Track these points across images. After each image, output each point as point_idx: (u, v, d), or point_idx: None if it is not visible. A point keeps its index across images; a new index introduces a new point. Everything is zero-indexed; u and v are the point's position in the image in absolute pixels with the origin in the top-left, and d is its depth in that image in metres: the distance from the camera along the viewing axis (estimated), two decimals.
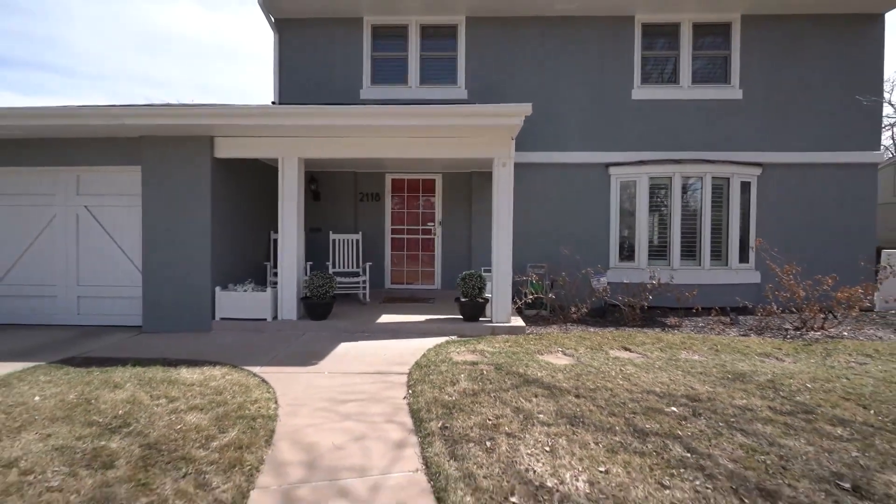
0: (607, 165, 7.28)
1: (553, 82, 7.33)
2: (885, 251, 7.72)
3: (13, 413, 2.84)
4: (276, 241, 6.86)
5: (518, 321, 5.56)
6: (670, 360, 4.22)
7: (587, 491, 2.09)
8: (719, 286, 6.88)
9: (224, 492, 2.04)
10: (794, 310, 5.90)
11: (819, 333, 5.50)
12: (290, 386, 3.49)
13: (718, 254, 7.12)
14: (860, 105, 7.07)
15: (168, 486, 2.08)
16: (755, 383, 3.60)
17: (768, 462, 2.37)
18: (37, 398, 3.10)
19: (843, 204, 7.23)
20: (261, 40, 41.58)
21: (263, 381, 3.59)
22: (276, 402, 3.14)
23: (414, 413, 2.98)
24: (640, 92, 7.33)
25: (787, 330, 5.69)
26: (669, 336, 5.23)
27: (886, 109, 23.89)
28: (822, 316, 5.77)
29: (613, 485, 2.14)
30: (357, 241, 7.19)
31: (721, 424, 2.81)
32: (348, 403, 3.18)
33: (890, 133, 26.10)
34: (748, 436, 2.66)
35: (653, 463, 2.34)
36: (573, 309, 5.92)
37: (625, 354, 4.44)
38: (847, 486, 2.17)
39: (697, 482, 2.17)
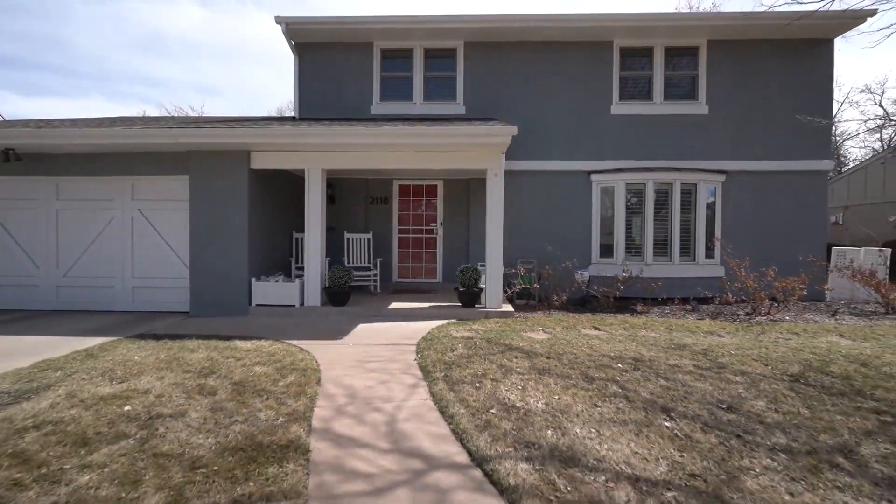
0: (589, 173, 8.24)
1: (541, 99, 8.29)
2: (835, 248, 8.71)
3: (127, 365, 3.82)
4: (297, 239, 7.87)
5: (508, 307, 6.53)
6: (629, 336, 5.19)
7: (542, 408, 3.06)
8: (687, 279, 7.84)
9: (297, 407, 3.02)
10: (746, 299, 6.87)
11: (765, 318, 6.46)
12: (324, 352, 4.47)
13: (687, 250, 8.07)
14: (815, 118, 8.01)
15: (258, 404, 3.06)
16: (691, 350, 4.57)
17: (675, 395, 3.34)
18: (136, 357, 4.08)
19: (797, 207, 8.18)
20: (261, 41, 42.43)
21: (302, 349, 4.57)
22: (316, 361, 4.12)
23: (422, 368, 3.95)
24: (619, 108, 8.29)
25: (738, 315, 6.65)
26: (635, 319, 6.20)
27: (878, 111, 24.82)
28: (769, 303, 6.73)
29: (562, 405, 3.11)
30: (368, 239, 8.15)
31: (651, 374, 3.78)
32: (372, 363, 4.15)
33: (878, 135, 27.06)
34: (668, 381, 3.63)
35: (592, 395, 3.31)
36: (556, 298, 6.90)
37: (593, 332, 5.41)
38: (724, 407, 3.14)
39: (620, 405, 3.14)
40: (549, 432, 2.70)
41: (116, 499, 1.97)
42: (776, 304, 6.90)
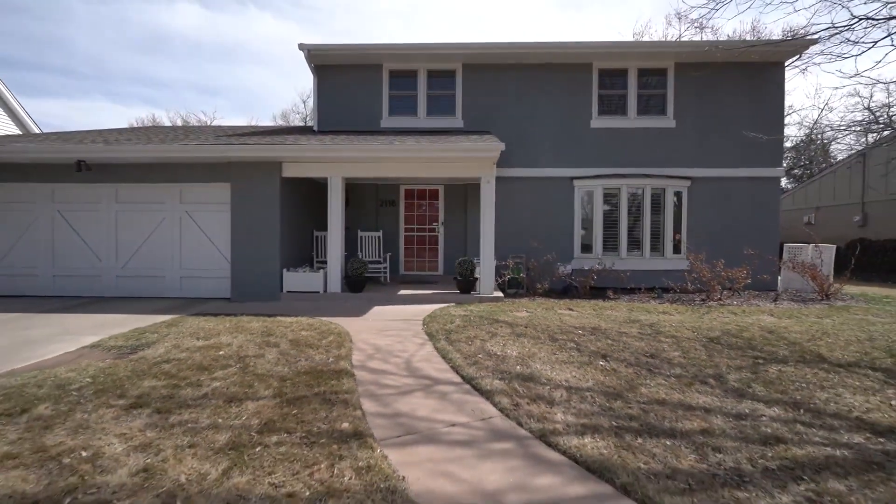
0: (571, 178, 9.43)
1: (530, 114, 9.48)
2: (786, 245, 9.89)
3: (204, 330, 5.03)
4: (317, 237, 9.07)
5: (499, 294, 7.73)
6: (596, 314, 6.38)
7: (515, 355, 4.26)
8: (656, 271, 9.02)
9: (339, 353, 4.22)
10: (704, 288, 8.05)
11: (716, 303, 7.64)
12: (350, 324, 5.66)
13: (657, 246, 9.26)
14: (767, 131, 9.19)
15: (311, 352, 4.26)
16: (641, 324, 5.76)
17: (615, 348, 4.53)
18: (207, 326, 5.28)
19: (753, 208, 9.35)
20: (262, 41, 43.60)
21: (333, 322, 5.76)
22: (346, 329, 5.31)
23: (428, 333, 5.15)
24: (597, 122, 9.47)
25: (695, 301, 7.83)
26: (605, 303, 7.40)
27: (865, 114, 25.95)
28: (720, 290, 7.91)
29: (529, 353, 4.30)
30: (378, 237, 9.35)
31: (602, 337, 4.97)
32: (388, 331, 5.35)
33: (864, 138, 28.23)
34: (614, 341, 4.83)
35: (553, 348, 4.51)
36: (540, 287, 8.09)
37: (567, 312, 6.60)
38: (647, 355, 4.34)
39: (572, 353, 4.34)
40: (518, 366, 3.90)
41: (242, 392, 3.17)
42: (728, 292, 8.08)
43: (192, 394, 3.16)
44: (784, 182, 29.90)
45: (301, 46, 9.03)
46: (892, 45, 4.79)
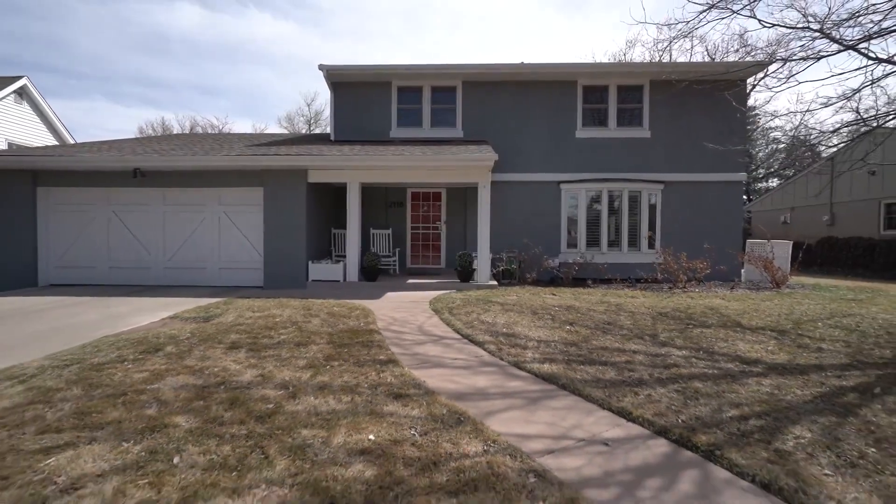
0: (559, 182, 10.68)
1: (522, 125, 10.73)
2: (749, 241, 11.12)
3: (256, 306, 6.28)
4: (334, 234, 10.33)
5: (493, 283, 8.98)
6: (573, 297, 7.63)
7: (502, 322, 5.51)
8: (632, 264, 10.27)
9: (367, 321, 5.48)
10: (671, 279, 9.30)
11: (680, 290, 8.89)
12: (370, 304, 6.92)
13: (634, 242, 10.51)
14: (732, 140, 10.43)
15: (345, 320, 5.52)
16: (609, 304, 7.00)
17: (581, 319, 5.78)
18: (257, 304, 6.53)
19: (719, 208, 10.60)
20: (262, 42, 44.69)
21: (355, 302, 7.02)
22: (368, 307, 6.57)
23: (434, 310, 6.40)
24: (582, 132, 10.72)
25: (663, 288, 9.07)
26: (583, 290, 8.65)
27: (853, 115, 27.21)
28: (685, 280, 9.16)
29: (514, 321, 5.56)
30: (388, 234, 10.60)
31: (574, 312, 6.22)
32: (402, 308, 6.60)
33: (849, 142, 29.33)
34: (582, 314, 6.08)
35: (533, 318, 5.76)
36: (529, 277, 9.34)
37: (550, 296, 7.85)
38: (606, 323, 5.59)
39: (547, 321, 5.59)
40: (503, 329, 5.15)
41: (304, 340, 4.43)
42: (694, 282, 9.33)
43: (268, 342, 4.42)
44: (774, 182, 31.18)
45: (321, 67, 10.29)
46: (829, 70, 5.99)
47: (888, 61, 5.43)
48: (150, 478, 2.06)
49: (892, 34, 5.31)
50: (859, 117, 6.04)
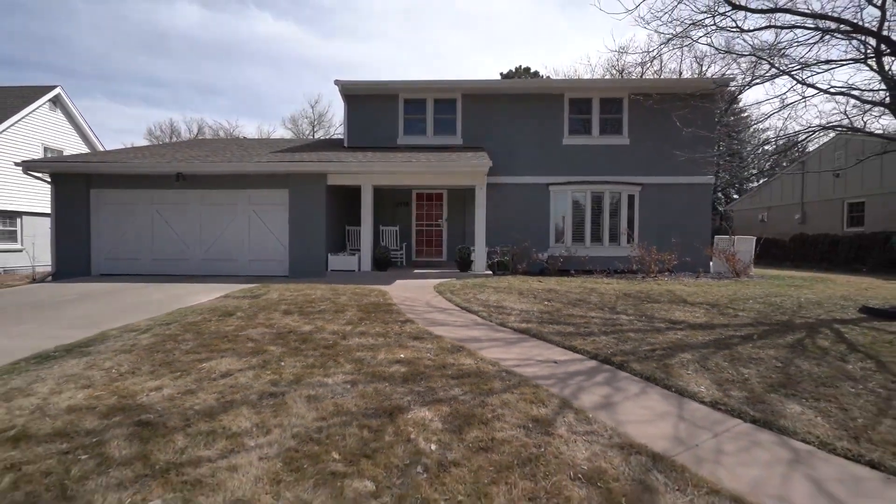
0: (548, 184, 11.99)
1: (515, 133, 12.04)
2: (716, 237, 12.45)
3: (290, 288, 7.60)
4: (348, 230, 11.65)
5: (489, 272, 10.30)
6: (556, 283, 8.94)
7: (494, 300, 6.84)
8: (612, 257, 11.59)
9: (384, 298, 6.80)
10: (644, 270, 10.62)
11: (651, 279, 10.21)
12: (384, 288, 8.23)
13: (614, 238, 11.83)
14: (702, 147, 11.74)
15: (367, 297, 6.84)
16: (585, 287, 8.32)
17: (558, 297, 7.11)
18: (291, 286, 7.85)
19: (691, 208, 11.91)
20: (263, 42, 45.72)
21: (371, 286, 8.33)
22: (383, 290, 7.89)
23: (438, 291, 7.72)
24: (568, 139, 12.03)
25: (636, 277, 10.39)
26: (566, 278, 9.97)
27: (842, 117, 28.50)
28: (656, 270, 10.48)
29: (502, 298, 6.89)
30: (396, 230, 11.92)
31: (553, 293, 7.54)
32: (411, 290, 7.92)
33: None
34: (560, 295, 7.40)
35: (519, 296, 7.08)
36: (520, 268, 10.67)
37: (536, 282, 9.17)
38: (577, 300, 6.91)
39: (530, 299, 6.91)
40: (494, 303, 6.48)
41: (340, 309, 5.75)
42: (666, 273, 10.65)
43: (312, 310, 5.74)
44: (759, 182, 32.48)
45: (336, 82, 11.61)
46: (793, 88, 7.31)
47: (812, 86, 6.82)
48: (271, 371, 3.38)
49: (818, 64, 6.72)
50: (792, 132, 7.44)
